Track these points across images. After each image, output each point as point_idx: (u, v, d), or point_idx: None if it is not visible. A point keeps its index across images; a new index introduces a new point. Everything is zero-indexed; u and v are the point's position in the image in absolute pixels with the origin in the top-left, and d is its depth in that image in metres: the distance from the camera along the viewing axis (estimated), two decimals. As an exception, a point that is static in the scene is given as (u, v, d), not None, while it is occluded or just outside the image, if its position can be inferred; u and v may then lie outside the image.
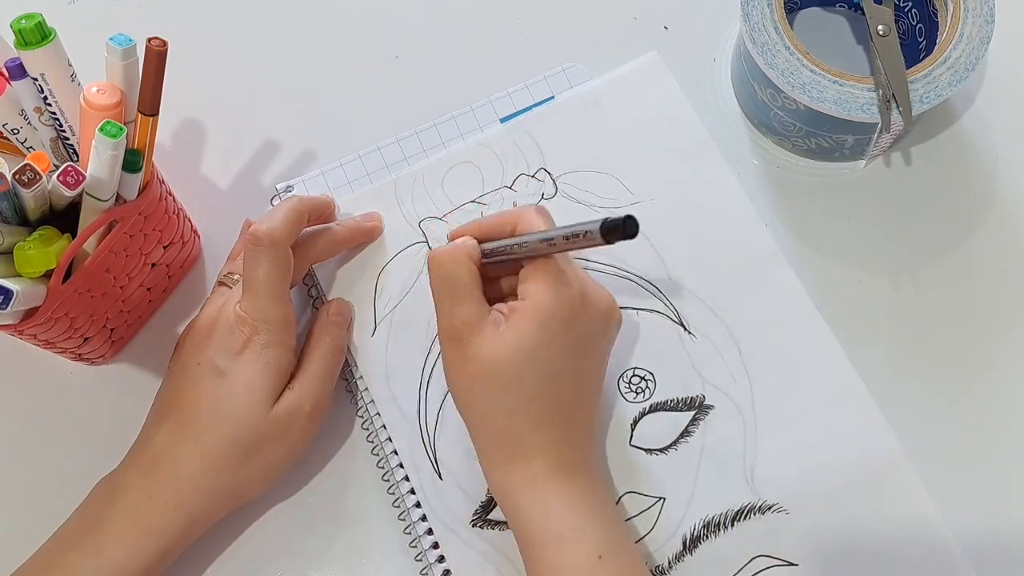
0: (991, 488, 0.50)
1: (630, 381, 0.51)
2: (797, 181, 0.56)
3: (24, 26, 0.41)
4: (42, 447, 0.52)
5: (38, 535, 0.45)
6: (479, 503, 0.49)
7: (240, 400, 0.46)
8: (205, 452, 0.46)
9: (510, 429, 0.43)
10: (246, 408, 0.46)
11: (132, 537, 0.45)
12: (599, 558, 0.42)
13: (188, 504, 0.45)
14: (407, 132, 0.57)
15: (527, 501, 0.43)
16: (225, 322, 0.47)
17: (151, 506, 0.45)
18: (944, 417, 0.51)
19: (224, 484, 0.46)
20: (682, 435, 0.50)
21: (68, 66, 0.43)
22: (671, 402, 0.51)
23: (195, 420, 0.46)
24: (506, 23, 0.61)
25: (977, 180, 0.56)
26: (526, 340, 0.43)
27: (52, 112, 0.44)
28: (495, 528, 0.49)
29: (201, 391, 0.46)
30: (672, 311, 0.52)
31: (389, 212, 0.55)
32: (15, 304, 0.40)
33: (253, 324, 0.47)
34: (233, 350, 0.47)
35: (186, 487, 0.45)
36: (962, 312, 0.53)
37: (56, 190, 0.42)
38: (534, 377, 0.43)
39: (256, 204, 0.56)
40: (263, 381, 0.46)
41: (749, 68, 0.53)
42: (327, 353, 0.50)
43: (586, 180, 0.55)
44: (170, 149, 0.57)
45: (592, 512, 0.43)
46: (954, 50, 0.51)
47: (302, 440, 0.48)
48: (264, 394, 0.46)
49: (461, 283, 0.44)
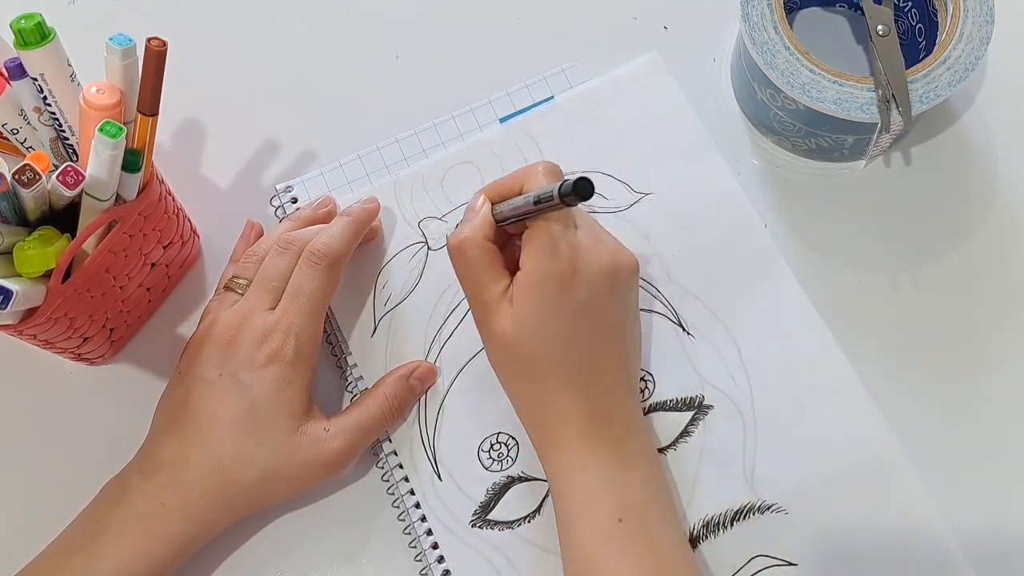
0: (991, 488, 0.50)
1: None
2: (797, 181, 0.56)
3: (24, 26, 0.41)
4: (42, 447, 0.52)
5: (38, 535, 0.45)
6: (479, 503, 0.49)
7: (263, 420, 0.45)
8: (219, 466, 0.45)
9: (538, 399, 0.44)
10: (269, 430, 0.45)
11: (139, 542, 0.44)
12: (619, 521, 0.42)
13: (196, 512, 0.45)
14: (407, 132, 0.57)
15: (553, 466, 0.44)
16: (252, 332, 0.46)
17: (159, 512, 0.45)
18: (944, 417, 0.51)
19: (234, 498, 0.46)
20: (681, 435, 0.50)
21: (68, 66, 0.43)
22: (670, 402, 0.51)
23: (211, 432, 0.45)
24: (506, 23, 0.61)
25: (977, 180, 0.56)
26: (528, 313, 0.43)
27: (52, 112, 0.44)
28: (494, 528, 0.49)
29: (221, 404, 0.46)
30: (671, 311, 0.52)
31: (388, 212, 0.55)
32: (15, 304, 0.40)
33: (285, 337, 0.46)
34: (257, 363, 0.46)
35: (196, 497, 0.45)
36: (962, 312, 0.53)
37: (55, 190, 0.42)
38: (549, 346, 0.43)
39: (256, 204, 0.56)
40: (283, 400, 0.46)
41: (749, 68, 0.53)
42: (383, 414, 0.48)
43: None
44: (170, 149, 0.57)
45: (614, 474, 0.43)
46: (954, 50, 0.51)
47: (312, 483, 0.47)
48: (287, 416, 0.46)
49: (478, 267, 0.45)
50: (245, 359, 0.46)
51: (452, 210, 0.54)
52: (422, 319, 0.52)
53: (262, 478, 0.45)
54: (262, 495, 0.46)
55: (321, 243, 0.48)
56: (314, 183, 0.56)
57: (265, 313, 0.47)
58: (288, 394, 0.46)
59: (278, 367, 0.46)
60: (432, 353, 0.52)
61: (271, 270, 0.48)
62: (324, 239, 0.48)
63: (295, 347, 0.46)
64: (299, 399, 0.47)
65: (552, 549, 0.47)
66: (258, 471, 0.45)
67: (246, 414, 0.45)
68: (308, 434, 0.46)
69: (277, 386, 0.46)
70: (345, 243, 0.49)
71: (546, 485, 0.48)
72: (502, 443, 0.50)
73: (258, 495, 0.46)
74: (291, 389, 0.46)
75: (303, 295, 0.47)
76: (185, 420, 0.46)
